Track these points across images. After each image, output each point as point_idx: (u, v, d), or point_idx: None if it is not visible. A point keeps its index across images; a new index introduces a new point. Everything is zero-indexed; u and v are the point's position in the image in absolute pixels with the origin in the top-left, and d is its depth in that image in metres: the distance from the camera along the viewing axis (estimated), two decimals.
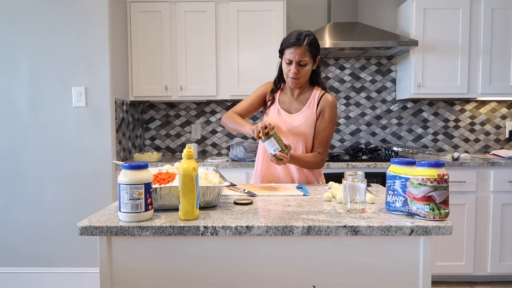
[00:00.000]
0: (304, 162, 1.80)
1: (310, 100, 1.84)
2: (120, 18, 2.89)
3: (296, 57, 1.73)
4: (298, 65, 1.75)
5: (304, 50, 1.72)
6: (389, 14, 3.36)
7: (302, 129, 1.81)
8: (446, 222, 1.12)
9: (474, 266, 2.82)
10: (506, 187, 2.78)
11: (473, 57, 3.01)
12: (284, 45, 1.76)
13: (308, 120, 1.82)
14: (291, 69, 1.75)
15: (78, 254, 2.73)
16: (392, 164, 1.23)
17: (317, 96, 1.84)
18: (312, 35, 1.77)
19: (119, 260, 1.15)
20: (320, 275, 1.15)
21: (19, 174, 2.70)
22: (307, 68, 1.77)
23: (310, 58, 1.75)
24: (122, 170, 1.15)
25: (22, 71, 2.66)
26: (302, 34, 1.74)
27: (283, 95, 1.90)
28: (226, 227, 1.11)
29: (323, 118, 1.82)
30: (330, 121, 1.83)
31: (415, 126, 3.42)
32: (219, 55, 3.04)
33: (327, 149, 1.85)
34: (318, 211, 1.27)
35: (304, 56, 1.73)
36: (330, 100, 1.82)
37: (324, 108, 1.82)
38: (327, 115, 1.82)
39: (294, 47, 1.72)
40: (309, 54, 1.74)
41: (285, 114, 1.85)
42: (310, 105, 1.83)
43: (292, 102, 1.87)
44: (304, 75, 1.78)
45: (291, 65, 1.75)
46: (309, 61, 1.75)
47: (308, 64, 1.76)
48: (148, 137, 3.46)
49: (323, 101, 1.82)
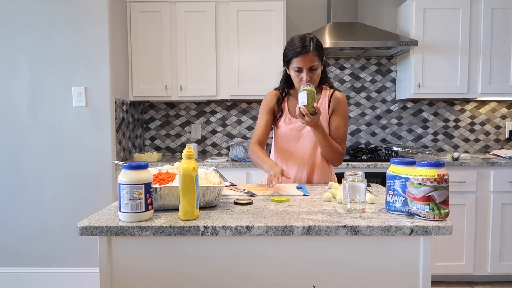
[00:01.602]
0: (329, 141, 1.76)
1: (321, 100, 1.84)
2: (120, 18, 2.89)
3: (307, 64, 1.71)
4: (309, 71, 1.73)
5: (312, 56, 1.70)
6: (389, 14, 3.36)
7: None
8: (446, 222, 1.12)
9: (474, 266, 2.82)
10: (506, 187, 2.78)
11: (473, 57, 3.01)
12: (291, 55, 1.72)
13: (322, 121, 1.79)
14: (303, 77, 1.72)
15: (78, 254, 2.73)
16: (392, 164, 1.23)
17: (327, 96, 1.84)
18: (315, 37, 1.76)
19: (119, 260, 1.15)
20: (320, 275, 1.15)
21: (19, 174, 2.70)
22: (318, 71, 1.75)
23: (319, 61, 1.74)
24: (122, 170, 1.15)
25: (22, 71, 2.66)
26: (306, 39, 1.71)
27: (291, 102, 1.87)
28: (226, 227, 1.11)
29: (337, 115, 1.83)
30: (344, 117, 1.83)
31: (415, 126, 3.42)
32: (219, 55, 3.04)
33: (345, 145, 1.85)
34: (318, 211, 1.27)
35: (314, 61, 1.71)
36: (341, 97, 1.83)
37: (336, 106, 1.82)
38: (340, 112, 1.83)
39: (303, 55, 1.69)
40: (318, 57, 1.72)
41: (296, 121, 1.83)
42: (322, 105, 1.83)
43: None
44: (317, 79, 1.76)
45: (302, 72, 1.73)
46: (319, 65, 1.74)
47: (319, 68, 1.75)
48: (148, 137, 3.46)
49: (334, 100, 1.82)
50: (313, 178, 1.86)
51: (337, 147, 1.80)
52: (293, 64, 1.73)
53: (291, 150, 1.85)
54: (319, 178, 1.86)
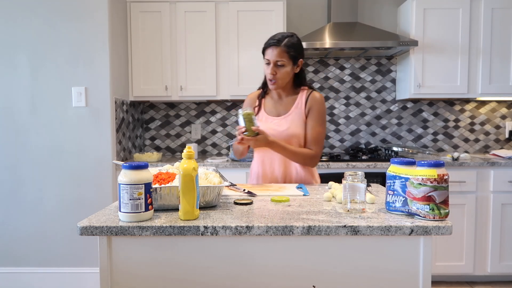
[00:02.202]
0: (291, 152, 1.74)
1: (297, 100, 1.83)
2: (120, 18, 2.89)
3: (273, 57, 1.72)
4: (275, 66, 1.73)
5: (281, 51, 1.71)
6: (389, 14, 3.36)
7: (292, 131, 1.79)
8: (446, 222, 1.12)
9: (474, 266, 2.82)
10: (506, 187, 2.78)
11: (473, 57, 3.02)
12: (265, 46, 1.76)
13: (297, 121, 1.80)
14: (269, 70, 1.74)
15: (78, 254, 2.73)
16: (392, 164, 1.23)
17: (304, 96, 1.83)
18: (295, 37, 1.76)
19: (119, 260, 1.15)
20: (320, 275, 1.15)
21: (19, 174, 2.70)
22: (285, 69, 1.74)
23: (288, 59, 1.73)
24: (122, 170, 1.15)
25: (22, 71, 2.66)
26: (282, 35, 1.73)
27: (269, 100, 1.89)
28: (226, 227, 1.11)
29: (312, 115, 1.80)
30: (319, 117, 1.80)
31: (415, 126, 3.42)
32: (219, 55, 3.04)
33: (320, 146, 1.81)
34: (318, 211, 1.27)
35: (281, 57, 1.71)
36: (318, 97, 1.82)
37: (312, 105, 1.80)
38: (315, 111, 1.80)
39: (272, 47, 1.72)
40: (287, 55, 1.72)
41: (272, 119, 1.84)
42: (298, 105, 1.82)
43: (279, 106, 1.86)
44: (282, 77, 1.75)
45: (269, 66, 1.74)
46: (287, 62, 1.73)
47: (286, 66, 1.74)
48: (148, 137, 3.46)
49: (310, 100, 1.81)
50: (292, 176, 1.85)
51: (303, 153, 1.77)
52: (265, 56, 1.76)
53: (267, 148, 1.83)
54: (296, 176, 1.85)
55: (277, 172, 1.85)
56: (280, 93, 1.86)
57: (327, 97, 3.40)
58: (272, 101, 1.88)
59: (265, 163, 1.86)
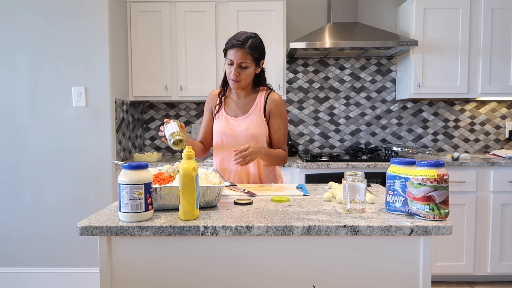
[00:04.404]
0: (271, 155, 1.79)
1: (256, 101, 1.84)
2: (120, 18, 2.89)
3: (237, 59, 1.71)
4: (239, 67, 1.73)
5: (245, 53, 1.71)
6: (389, 14, 3.36)
7: (252, 131, 1.80)
8: (446, 222, 1.12)
9: (474, 266, 2.82)
10: (506, 187, 2.78)
11: (473, 57, 3.01)
12: (227, 46, 1.75)
13: (257, 122, 1.81)
14: (232, 71, 1.74)
15: (78, 254, 2.73)
16: (392, 164, 1.23)
17: (263, 97, 1.84)
18: (257, 38, 1.76)
19: (119, 260, 1.15)
20: (320, 275, 1.15)
21: (19, 174, 2.70)
22: (249, 71, 1.75)
23: (252, 61, 1.73)
24: (122, 170, 1.15)
25: (22, 71, 2.66)
26: (246, 36, 1.73)
27: (229, 99, 1.89)
28: (226, 227, 1.11)
29: (275, 117, 1.83)
30: (282, 118, 1.85)
31: (415, 126, 3.42)
32: (219, 55, 3.04)
33: (286, 146, 1.89)
34: (318, 211, 1.27)
35: (245, 59, 1.71)
36: (277, 98, 1.84)
37: (272, 107, 1.83)
38: (277, 113, 1.83)
39: (236, 48, 1.71)
40: (251, 57, 1.72)
41: (232, 119, 1.84)
42: (257, 106, 1.83)
43: (239, 106, 1.86)
44: (245, 77, 1.76)
45: (232, 66, 1.74)
46: (250, 64, 1.74)
47: (250, 67, 1.74)
48: (148, 137, 3.46)
49: (269, 101, 1.83)
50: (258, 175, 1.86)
51: (281, 155, 1.83)
52: (228, 56, 1.75)
53: (228, 147, 1.83)
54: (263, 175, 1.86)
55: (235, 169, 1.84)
56: (240, 93, 1.86)
57: (327, 97, 3.40)
58: (232, 101, 1.88)
59: (223, 162, 1.87)
